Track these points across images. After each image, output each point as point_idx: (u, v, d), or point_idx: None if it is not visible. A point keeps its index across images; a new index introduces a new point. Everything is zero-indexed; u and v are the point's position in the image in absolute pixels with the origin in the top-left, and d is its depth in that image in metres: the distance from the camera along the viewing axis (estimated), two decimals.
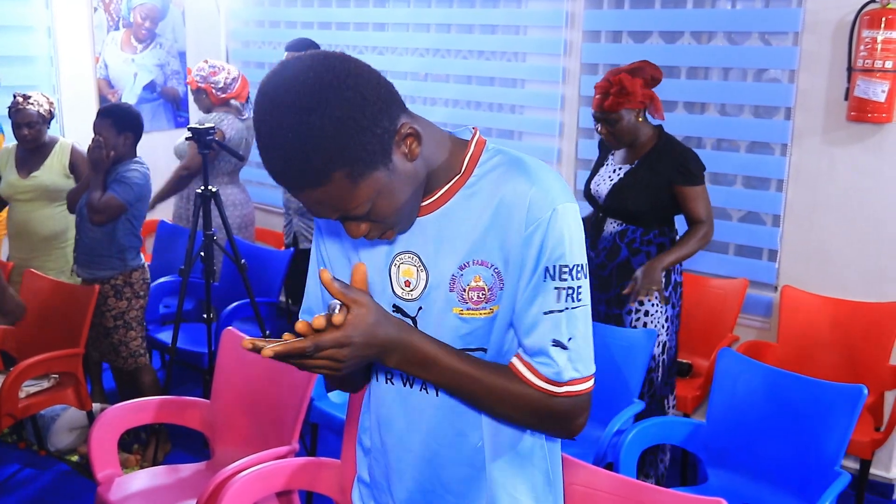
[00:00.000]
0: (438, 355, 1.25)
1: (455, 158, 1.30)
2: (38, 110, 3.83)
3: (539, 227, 1.23)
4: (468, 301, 1.28)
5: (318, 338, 1.13)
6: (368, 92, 1.14)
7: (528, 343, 1.28)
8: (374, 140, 1.14)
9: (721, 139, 3.92)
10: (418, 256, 1.31)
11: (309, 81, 1.12)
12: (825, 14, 3.47)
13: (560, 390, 1.27)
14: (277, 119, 1.11)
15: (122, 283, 3.55)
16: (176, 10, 5.49)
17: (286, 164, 1.13)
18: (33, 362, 3.29)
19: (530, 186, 1.24)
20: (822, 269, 3.63)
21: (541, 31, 4.37)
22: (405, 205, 1.24)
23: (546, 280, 1.25)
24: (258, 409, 2.90)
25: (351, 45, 5.17)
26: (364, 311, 1.16)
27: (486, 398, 1.29)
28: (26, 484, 3.60)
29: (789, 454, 2.72)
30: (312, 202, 1.18)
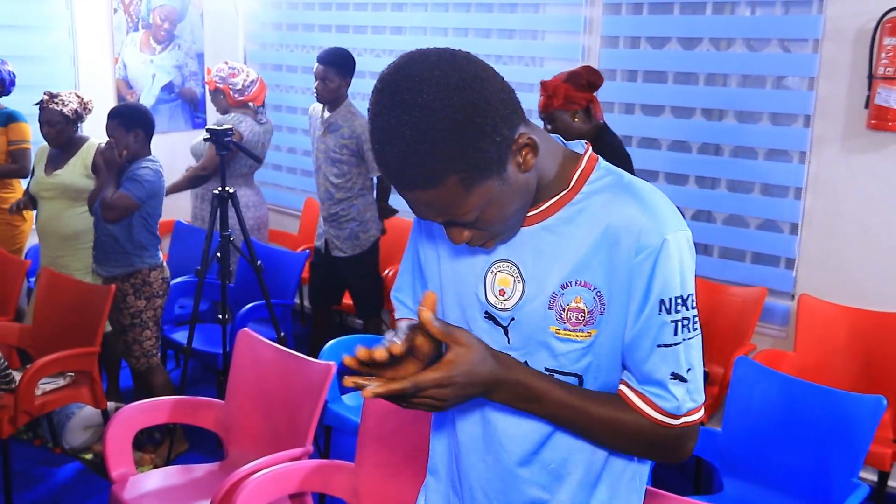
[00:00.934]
0: (546, 389, 1.23)
1: (564, 172, 1.27)
2: (62, 110, 3.83)
3: (650, 256, 1.20)
4: (566, 321, 1.25)
5: (417, 379, 1.13)
6: (493, 97, 1.11)
7: (639, 374, 1.25)
8: (493, 147, 1.11)
9: (739, 146, 3.90)
10: (517, 267, 1.28)
11: (434, 80, 1.08)
12: (846, 21, 3.45)
13: (677, 423, 1.24)
14: (398, 116, 1.09)
15: (141, 282, 3.56)
16: (195, 11, 5.52)
17: (401, 163, 1.10)
18: (49, 360, 3.30)
19: (642, 212, 1.21)
20: (840, 278, 3.60)
21: (559, 36, 4.37)
22: (512, 215, 1.21)
23: (661, 313, 1.21)
24: (272, 411, 2.90)
25: (368, 49, 5.18)
26: (465, 351, 1.16)
27: (595, 429, 1.26)
28: (41, 481, 3.61)
29: (806, 465, 2.70)
30: (421, 203, 1.16)
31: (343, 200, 4.13)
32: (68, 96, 3.87)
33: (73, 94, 3.91)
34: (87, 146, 3.98)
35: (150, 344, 3.63)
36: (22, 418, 3.27)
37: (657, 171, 4.10)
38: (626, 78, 4.18)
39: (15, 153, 4.32)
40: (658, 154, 4.09)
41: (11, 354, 3.86)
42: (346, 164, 4.09)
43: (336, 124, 4.09)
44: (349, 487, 2.57)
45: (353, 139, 4.05)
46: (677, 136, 4.03)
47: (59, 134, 3.89)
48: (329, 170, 4.12)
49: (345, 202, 4.14)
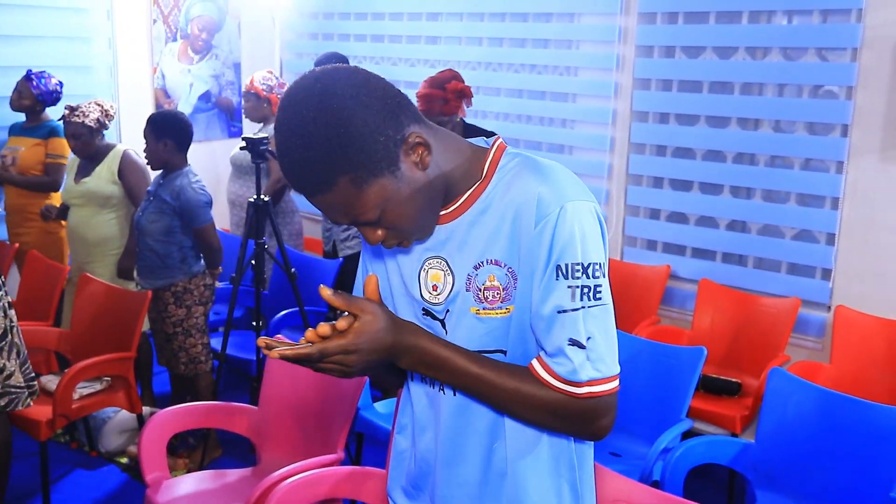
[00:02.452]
0: (450, 357, 1.28)
1: (476, 165, 1.33)
2: (84, 121, 3.88)
3: (548, 224, 1.24)
4: (484, 301, 1.30)
5: (324, 345, 1.21)
6: (372, 101, 1.19)
7: (546, 344, 1.27)
8: (378, 147, 1.19)
9: (775, 156, 3.86)
10: (446, 261, 1.34)
11: (315, 91, 1.19)
12: (885, 30, 3.41)
13: (580, 391, 1.25)
14: (287, 128, 1.19)
15: (183, 290, 3.61)
16: (232, 22, 5.60)
17: (294, 171, 1.21)
18: (87, 365, 3.35)
19: (540, 184, 1.26)
20: (877, 290, 3.55)
21: (593, 45, 4.36)
22: (419, 213, 1.27)
23: (559, 279, 1.24)
24: (305, 417, 2.92)
25: (403, 58, 5.21)
26: (370, 318, 1.23)
27: (502, 399, 1.30)
28: (77, 484, 3.67)
29: (841, 479, 2.67)
30: (325, 207, 1.25)
31: None
32: (88, 106, 3.92)
33: (93, 104, 3.95)
34: (113, 153, 4.03)
35: (196, 351, 3.67)
36: (60, 422, 3.33)
37: (692, 181, 4.07)
38: (660, 87, 4.16)
39: (49, 166, 4.39)
40: (693, 164, 4.07)
41: (50, 358, 3.93)
42: None
43: None
44: (380, 494, 2.58)
45: None
46: (712, 145, 4.00)
47: (86, 145, 3.95)
48: None
49: None
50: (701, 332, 3.89)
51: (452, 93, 3.45)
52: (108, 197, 4.00)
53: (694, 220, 4.11)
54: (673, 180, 4.15)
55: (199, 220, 3.52)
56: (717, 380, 3.63)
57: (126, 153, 4.04)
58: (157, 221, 3.55)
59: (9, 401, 2.96)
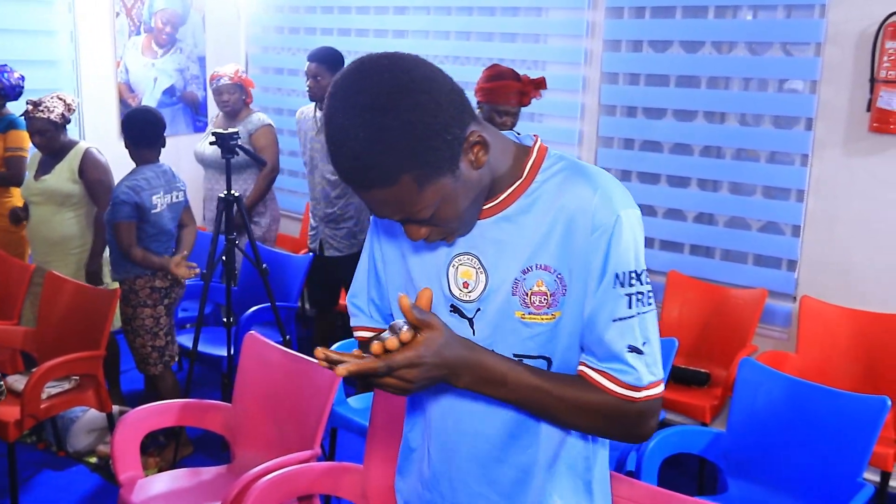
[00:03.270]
0: (509, 373, 1.25)
1: (517, 164, 1.31)
2: (49, 117, 3.81)
3: (604, 234, 1.23)
4: (530, 305, 1.28)
5: (390, 358, 1.17)
6: (442, 98, 1.15)
7: (599, 350, 1.27)
8: (445, 146, 1.15)
9: (741, 149, 3.92)
10: (478, 258, 1.31)
11: (384, 82, 1.12)
12: (848, 25, 3.48)
13: (639, 395, 1.27)
14: (350, 118, 1.12)
15: (128, 290, 3.56)
16: (196, 15, 5.53)
17: (355, 164, 1.14)
18: (56, 364, 3.31)
19: (594, 192, 1.24)
20: (841, 280, 3.63)
21: (561, 39, 4.38)
22: (466, 210, 1.25)
23: (615, 287, 1.24)
24: (280, 413, 2.91)
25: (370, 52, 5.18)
26: (435, 333, 1.19)
27: (559, 409, 1.28)
28: (46, 485, 3.62)
29: (811, 465, 2.72)
30: (377, 202, 1.19)
31: (340, 198, 4.18)
32: (52, 101, 3.84)
33: (56, 98, 3.87)
34: (74, 151, 3.95)
35: (145, 352, 3.60)
36: (28, 422, 3.28)
37: (659, 174, 4.12)
38: (628, 81, 4.19)
39: (10, 160, 4.29)
40: (660, 157, 4.11)
41: (16, 358, 3.86)
42: None
43: None
44: (358, 489, 2.58)
45: None
46: (679, 139, 4.05)
47: (51, 141, 3.87)
48: (326, 167, 4.18)
49: (342, 200, 4.19)
50: (670, 323, 3.94)
51: (530, 83, 3.29)
52: (68, 195, 3.93)
53: (662, 212, 4.15)
54: (641, 173, 4.19)
55: (113, 215, 3.44)
56: (687, 370, 3.69)
57: (88, 151, 3.97)
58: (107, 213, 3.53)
59: None
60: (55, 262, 3.95)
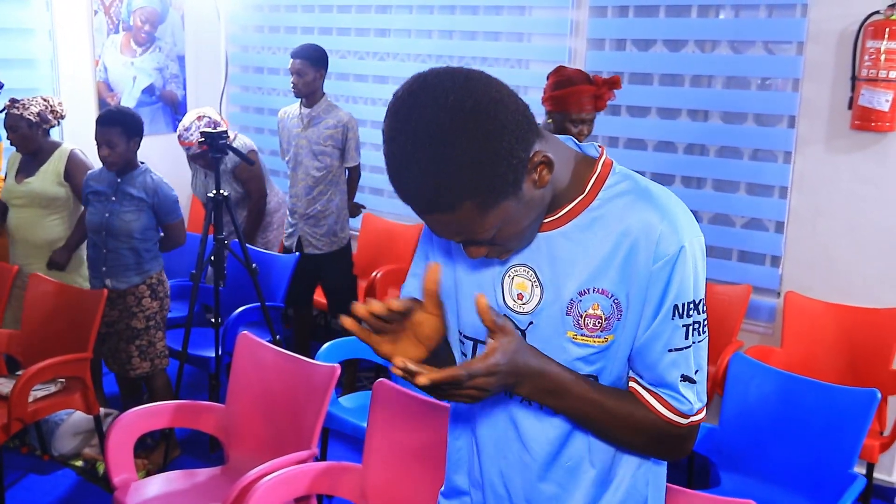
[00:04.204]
0: (571, 384, 1.26)
1: (579, 178, 1.27)
2: (23, 114, 3.75)
3: (668, 264, 1.22)
4: (583, 328, 1.26)
5: (470, 366, 1.15)
6: (508, 120, 1.11)
7: (650, 376, 1.28)
8: (510, 171, 1.12)
9: (724, 147, 3.96)
10: (534, 272, 1.29)
11: (448, 105, 1.08)
12: (829, 24, 3.53)
13: (686, 422, 1.28)
14: (413, 141, 1.09)
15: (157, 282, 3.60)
16: (175, 14, 5.48)
17: (418, 188, 1.12)
18: (44, 366, 3.26)
19: (660, 220, 1.22)
20: (825, 276, 3.68)
21: (545, 38, 4.40)
22: (528, 229, 1.24)
23: (674, 318, 1.24)
24: (274, 414, 2.90)
25: (352, 51, 5.18)
26: (510, 340, 1.19)
27: (610, 425, 1.29)
28: (31, 489, 3.57)
29: (803, 458, 2.76)
30: (438, 224, 1.18)
31: (322, 195, 4.23)
32: (31, 101, 3.80)
33: (38, 99, 3.83)
34: (58, 153, 3.91)
35: (162, 345, 3.63)
36: (15, 426, 3.24)
37: (643, 172, 4.12)
38: None
39: None
40: (644, 155, 4.15)
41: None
42: (328, 155, 4.21)
43: (319, 117, 4.23)
44: (357, 489, 2.58)
45: (340, 128, 4.21)
46: (663, 136, 4.09)
47: (25, 139, 3.82)
48: (311, 163, 4.21)
49: (324, 198, 4.23)
50: None
51: (604, 84, 3.11)
52: (54, 198, 3.88)
53: None
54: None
55: (175, 215, 3.52)
56: None
57: (73, 153, 3.92)
58: (136, 220, 3.46)
59: None
60: (38, 265, 3.89)
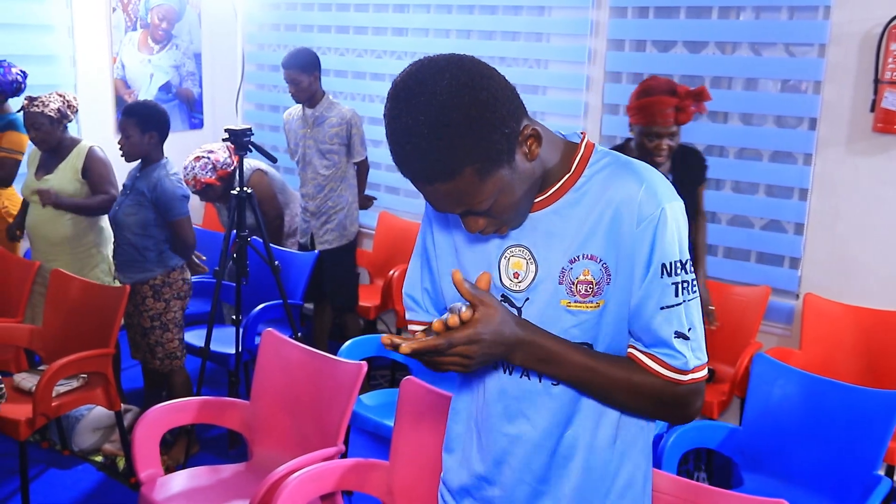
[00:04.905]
0: (562, 351, 1.32)
1: (566, 159, 1.37)
2: (44, 111, 3.77)
3: (650, 225, 1.29)
4: (576, 294, 1.34)
5: (451, 335, 1.23)
6: (500, 93, 1.22)
7: (647, 337, 1.33)
8: (503, 139, 1.22)
9: (744, 148, 3.97)
10: (529, 250, 1.37)
11: (445, 81, 1.19)
12: (852, 27, 3.54)
13: (685, 378, 1.33)
14: (414, 116, 1.18)
15: (161, 284, 3.56)
16: (192, 11, 5.50)
17: (421, 160, 1.20)
18: (67, 361, 3.28)
19: (639, 186, 1.30)
20: (844, 278, 3.69)
21: (564, 38, 4.41)
22: (521, 201, 1.31)
23: (663, 276, 1.30)
24: (299, 411, 2.91)
25: (369, 50, 5.19)
26: (491, 311, 1.25)
27: (609, 389, 1.35)
28: (52, 484, 3.59)
29: (827, 459, 2.77)
30: (439, 196, 1.25)
31: (333, 192, 4.31)
32: (49, 97, 3.81)
33: (55, 95, 3.85)
34: (77, 150, 3.92)
35: (173, 346, 3.62)
36: (39, 420, 3.25)
37: None
38: (631, 81, 4.22)
39: (2, 160, 4.25)
40: None
41: (19, 356, 3.82)
42: (336, 153, 4.28)
43: (322, 116, 4.28)
44: (384, 486, 2.60)
45: (344, 125, 4.26)
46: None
47: (47, 136, 3.83)
48: (319, 162, 4.28)
49: (334, 194, 4.31)
50: None
51: (689, 96, 3.09)
52: (72, 195, 3.90)
53: None
54: None
55: (174, 212, 3.47)
56: None
57: (91, 150, 3.93)
58: (133, 215, 3.49)
59: None
60: (57, 261, 3.91)
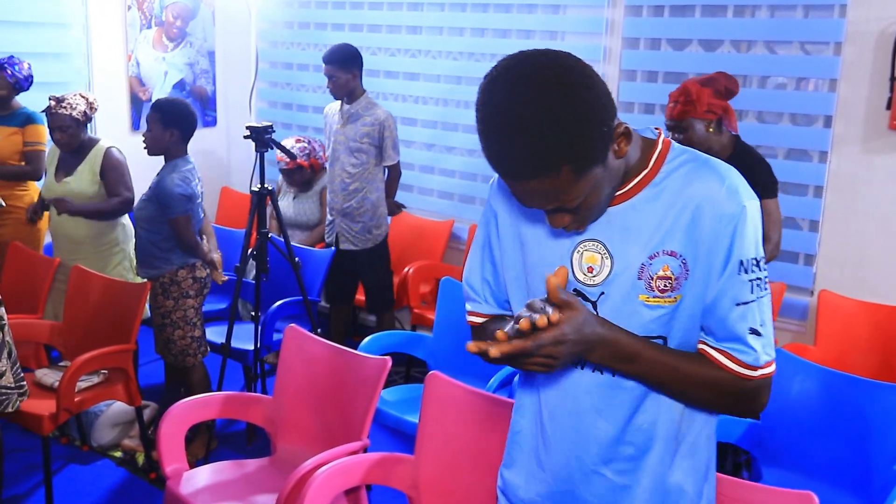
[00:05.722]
0: (640, 349, 1.34)
1: (644, 156, 1.38)
2: (71, 114, 3.81)
3: (730, 223, 1.31)
4: (655, 289, 1.35)
5: (538, 337, 1.24)
6: (601, 91, 1.23)
7: (720, 332, 1.35)
8: (601, 137, 1.22)
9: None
10: (604, 244, 1.38)
11: (549, 77, 1.19)
12: (868, 25, 3.56)
13: (756, 374, 1.36)
14: (515, 110, 1.18)
15: (169, 282, 3.57)
16: (206, 9, 5.53)
17: (518, 155, 1.20)
18: (89, 357, 3.30)
19: (721, 184, 1.32)
20: (858, 275, 3.71)
21: (579, 37, 4.43)
22: (606, 199, 1.33)
23: (740, 273, 1.32)
24: (323, 406, 2.93)
25: (383, 48, 5.22)
26: (575, 312, 1.27)
27: (682, 385, 1.37)
28: (73, 479, 3.62)
29: (846, 454, 2.80)
30: (532, 192, 1.25)
31: (357, 192, 4.27)
32: (75, 98, 3.84)
33: (79, 96, 3.88)
34: (95, 151, 3.95)
35: (185, 343, 3.62)
36: (63, 416, 3.28)
37: None
38: (646, 79, 4.26)
39: (29, 154, 4.29)
40: None
41: (39, 352, 3.85)
42: (364, 153, 4.25)
43: (357, 114, 4.27)
44: (409, 480, 2.62)
45: (376, 126, 4.24)
46: None
47: (72, 138, 3.87)
48: (347, 159, 4.27)
49: (359, 195, 4.27)
50: None
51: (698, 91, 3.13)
52: (92, 197, 3.93)
53: None
54: None
55: (171, 210, 3.45)
56: None
57: (108, 151, 3.96)
58: (143, 209, 3.54)
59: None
60: (80, 259, 3.93)
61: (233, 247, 4.52)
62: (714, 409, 1.45)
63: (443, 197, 5.06)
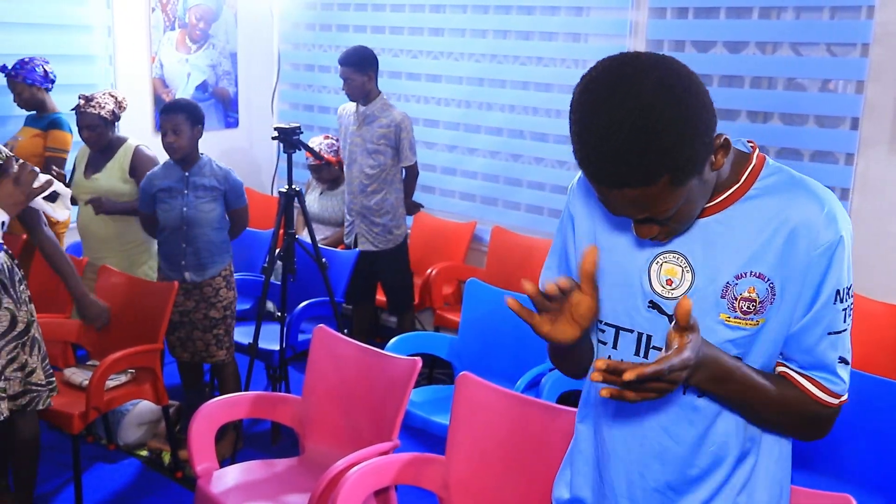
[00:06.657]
0: (735, 370, 1.30)
1: (736, 169, 1.32)
2: (100, 113, 3.83)
3: (828, 251, 1.27)
4: (737, 310, 1.31)
5: (671, 360, 1.16)
6: (706, 101, 1.18)
7: (805, 359, 1.33)
8: (703, 149, 1.17)
9: (784, 148, 3.98)
10: (685, 257, 1.33)
11: (652, 81, 1.13)
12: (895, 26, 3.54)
13: (837, 402, 1.35)
14: (617, 114, 1.12)
15: (229, 273, 3.67)
16: (229, 11, 5.55)
17: (616, 161, 1.14)
18: (119, 357, 3.32)
19: (820, 210, 1.28)
20: (885, 277, 3.69)
21: (603, 39, 4.43)
22: (698, 209, 1.28)
23: (836, 303, 1.29)
24: (352, 406, 2.95)
25: (405, 49, 5.23)
26: (698, 335, 1.22)
27: (763, 407, 1.34)
28: (100, 478, 3.64)
29: (876, 456, 2.78)
30: (625, 200, 1.20)
31: (376, 193, 4.28)
32: (104, 98, 3.87)
33: (108, 95, 3.91)
34: (124, 148, 3.98)
35: (231, 335, 3.71)
36: (92, 414, 3.30)
37: None
38: None
39: (49, 160, 4.29)
40: None
41: (67, 351, 3.88)
42: (382, 154, 4.26)
43: (373, 115, 4.27)
44: (440, 480, 2.63)
45: (392, 127, 4.25)
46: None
47: (100, 137, 3.90)
48: (365, 161, 4.27)
49: (378, 196, 4.28)
50: None
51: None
52: (121, 195, 3.95)
53: None
54: None
55: (242, 200, 3.60)
56: None
57: (138, 149, 3.99)
58: (213, 210, 3.57)
59: (30, 399, 2.93)
60: (107, 259, 3.96)
61: (256, 247, 4.54)
62: (784, 432, 1.41)
63: (465, 198, 5.06)
